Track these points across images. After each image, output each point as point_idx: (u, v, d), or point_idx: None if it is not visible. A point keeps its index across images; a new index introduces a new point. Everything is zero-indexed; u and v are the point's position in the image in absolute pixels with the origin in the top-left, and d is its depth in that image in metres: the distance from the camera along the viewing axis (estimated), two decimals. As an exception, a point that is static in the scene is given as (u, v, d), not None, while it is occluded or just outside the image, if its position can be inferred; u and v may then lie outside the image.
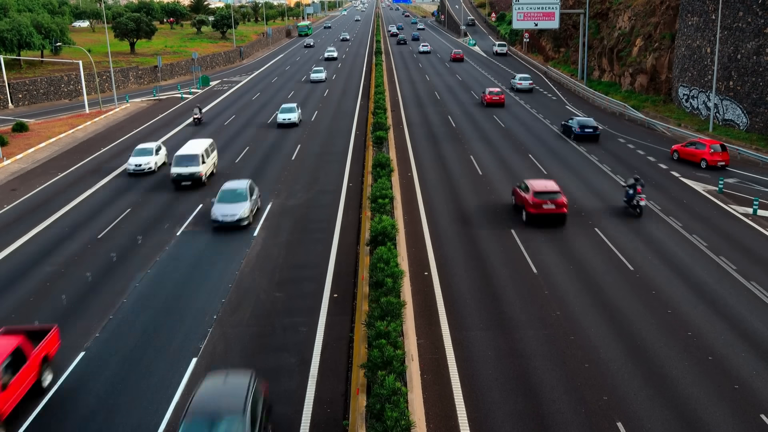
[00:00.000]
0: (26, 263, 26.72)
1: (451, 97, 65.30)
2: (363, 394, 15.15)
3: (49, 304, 23.03)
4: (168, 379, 18.28)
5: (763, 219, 30.39)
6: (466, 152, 42.95)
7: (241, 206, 29.55)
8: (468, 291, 23.28)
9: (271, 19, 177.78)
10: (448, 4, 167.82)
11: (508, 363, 18.77)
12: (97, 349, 20.00)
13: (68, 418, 16.84)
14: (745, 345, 19.61)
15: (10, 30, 70.01)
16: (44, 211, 33.12)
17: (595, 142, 45.72)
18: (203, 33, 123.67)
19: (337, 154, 42.98)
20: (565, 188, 34.83)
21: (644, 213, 30.99)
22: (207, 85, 76.95)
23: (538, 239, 27.85)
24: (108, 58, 71.12)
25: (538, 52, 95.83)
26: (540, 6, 71.58)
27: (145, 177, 38.78)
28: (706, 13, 49.45)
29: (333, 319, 21.38)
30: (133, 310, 22.38)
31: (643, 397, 17.17)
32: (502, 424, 16.19)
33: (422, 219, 30.61)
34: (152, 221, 31.08)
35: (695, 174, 37.66)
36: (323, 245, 27.63)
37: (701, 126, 48.57)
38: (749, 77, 45.25)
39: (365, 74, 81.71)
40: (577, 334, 20.28)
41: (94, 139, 50.73)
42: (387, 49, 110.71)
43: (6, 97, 64.65)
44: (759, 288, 23.27)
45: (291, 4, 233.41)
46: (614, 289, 23.29)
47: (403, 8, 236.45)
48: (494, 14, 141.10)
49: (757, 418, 16.32)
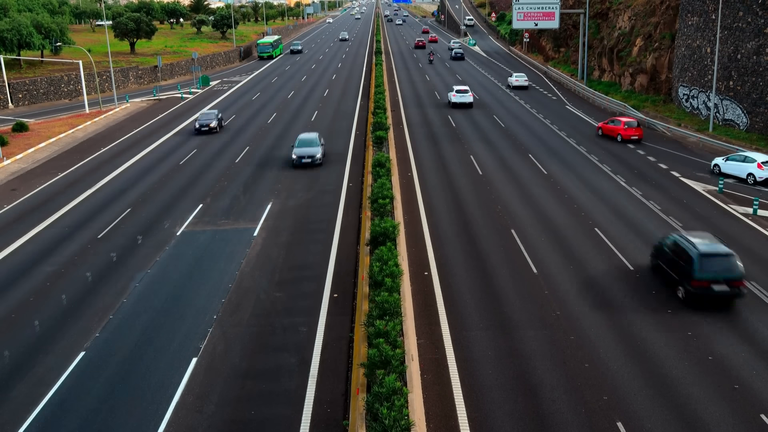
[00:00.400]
0: (26, 263, 26.73)
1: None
2: (363, 393, 15.15)
3: (49, 304, 23.03)
4: (168, 379, 18.28)
5: (763, 219, 30.39)
6: (466, 152, 42.95)
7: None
8: (468, 291, 23.28)
9: (271, 19, 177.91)
10: (448, 4, 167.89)
11: (508, 363, 18.77)
12: (97, 349, 20.00)
13: (68, 418, 16.84)
14: (745, 345, 19.61)
15: (10, 30, 70.03)
16: (44, 211, 33.12)
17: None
18: (203, 33, 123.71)
19: (337, 154, 42.98)
20: (566, 189, 34.83)
21: (645, 213, 30.97)
22: (207, 84, 76.96)
23: (538, 239, 27.84)
24: (108, 58, 71.13)
25: (538, 52, 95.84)
26: (540, 6, 71.58)
27: (145, 178, 38.78)
28: (706, 13, 49.45)
29: (333, 319, 21.38)
30: (133, 310, 22.37)
31: (643, 397, 17.17)
32: (502, 424, 16.19)
33: (422, 219, 30.61)
34: (152, 221, 31.08)
35: (695, 174, 37.65)
36: (323, 245, 27.63)
37: (701, 126, 48.57)
38: (749, 77, 45.25)
39: (365, 74, 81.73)
40: (577, 334, 20.28)
41: (94, 139, 50.74)
42: (387, 49, 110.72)
43: (6, 97, 64.66)
44: (759, 288, 23.27)
45: (291, 4, 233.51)
46: (614, 289, 23.28)
47: (404, 8, 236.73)
48: (494, 14, 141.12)
49: (757, 418, 16.32)
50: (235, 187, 36.01)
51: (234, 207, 32.77)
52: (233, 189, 35.77)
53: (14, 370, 19.05)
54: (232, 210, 32.31)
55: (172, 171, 39.92)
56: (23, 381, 18.49)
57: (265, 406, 17.01)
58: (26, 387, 18.22)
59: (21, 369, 19.09)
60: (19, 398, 17.73)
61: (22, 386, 18.26)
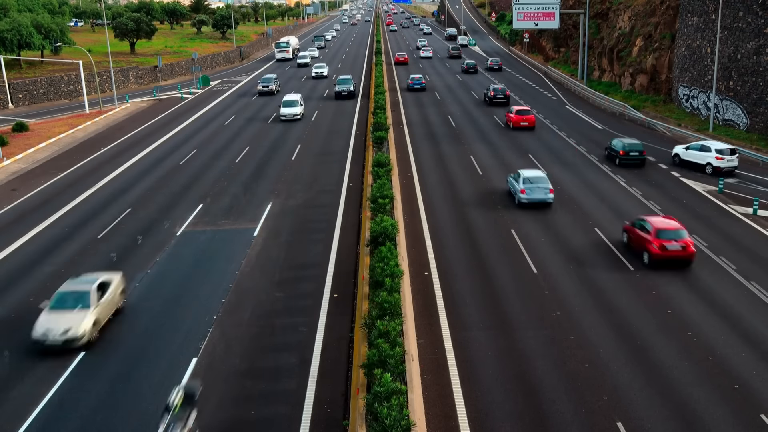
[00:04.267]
0: (26, 263, 26.73)
1: (451, 96, 65.28)
2: (363, 393, 15.15)
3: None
4: (168, 379, 18.28)
5: (763, 219, 30.39)
6: (466, 152, 42.94)
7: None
8: (468, 291, 23.28)
9: (271, 19, 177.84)
10: (448, 4, 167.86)
11: (508, 363, 18.77)
12: (98, 349, 20.00)
13: (68, 417, 16.84)
14: (745, 345, 19.62)
15: (10, 30, 70.01)
16: (44, 211, 33.12)
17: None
18: (203, 33, 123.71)
19: (337, 154, 42.98)
20: (566, 190, 34.84)
21: (645, 213, 30.97)
22: (207, 85, 76.94)
23: (539, 239, 27.84)
24: (108, 58, 71.13)
25: (538, 52, 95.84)
26: (540, 6, 71.55)
27: (145, 177, 38.78)
28: (706, 13, 49.46)
29: (333, 319, 21.38)
30: (133, 310, 22.36)
31: (643, 397, 17.17)
32: (502, 424, 16.19)
33: (422, 219, 30.61)
34: (152, 221, 31.08)
35: (695, 174, 37.65)
36: (323, 245, 27.63)
37: (701, 126, 48.57)
38: (749, 77, 45.25)
39: (365, 74, 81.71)
40: (577, 334, 20.28)
41: (94, 139, 50.74)
42: (387, 50, 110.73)
43: (6, 97, 64.66)
44: (759, 288, 23.27)
45: (291, 4, 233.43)
46: (614, 289, 23.28)
47: (404, 8, 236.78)
48: (494, 14, 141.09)
49: (756, 418, 16.32)
50: (235, 187, 36.00)
51: (234, 207, 32.78)
52: (233, 189, 35.76)
53: (14, 371, 19.05)
54: (232, 210, 32.32)
55: (173, 171, 39.92)
56: (23, 381, 18.50)
57: (265, 406, 17.01)
58: (26, 387, 18.23)
59: (21, 369, 19.09)
60: (20, 398, 17.74)
61: (22, 386, 18.26)
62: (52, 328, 19.36)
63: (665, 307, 21.89)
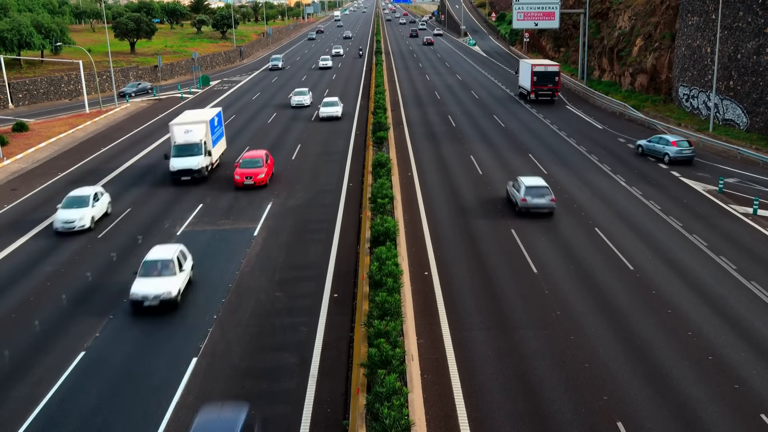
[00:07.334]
0: (26, 263, 26.72)
1: (451, 96, 65.30)
2: (363, 393, 15.15)
3: (49, 304, 23.03)
4: (168, 379, 18.28)
5: (763, 219, 30.38)
6: (466, 152, 42.94)
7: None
8: (468, 291, 23.28)
9: (271, 18, 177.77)
10: (448, 4, 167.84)
11: (508, 363, 18.77)
12: (98, 349, 20.01)
13: (69, 417, 16.85)
14: (745, 345, 19.61)
15: (10, 30, 70.00)
16: (44, 211, 33.11)
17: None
18: (203, 33, 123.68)
19: (337, 154, 42.97)
20: (566, 188, 34.85)
21: (645, 213, 30.98)
22: (207, 84, 76.92)
23: (539, 239, 27.85)
24: (108, 58, 71.11)
25: (538, 51, 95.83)
26: (540, 6, 71.52)
27: (146, 177, 38.76)
28: (706, 13, 49.45)
29: (333, 319, 21.38)
30: (134, 310, 22.34)
31: (643, 397, 17.17)
32: (502, 424, 16.19)
33: (422, 219, 30.60)
34: (152, 221, 31.08)
35: (695, 174, 37.65)
36: (323, 245, 27.63)
37: (701, 126, 48.56)
38: (749, 77, 45.24)
39: (365, 74, 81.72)
40: (577, 333, 20.28)
41: (94, 138, 50.73)
42: (387, 50, 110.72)
43: (6, 97, 64.65)
44: (759, 288, 23.27)
45: (291, 4, 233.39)
46: (614, 289, 23.28)
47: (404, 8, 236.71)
48: (494, 14, 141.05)
49: (756, 418, 16.32)
50: (234, 187, 35.97)
51: (234, 207, 32.77)
52: (233, 188, 35.74)
53: (14, 370, 19.06)
54: (232, 210, 32.31)
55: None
56: (23, 381, 18.50)
57: (266, 406, 17.01)
58: (26, 387, 18.23)
59: (21, 369, 19.10)
60: (19, 398, 17.74)
61: (22, 386, 18.27)
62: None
63: (665, 307, 21.89)
